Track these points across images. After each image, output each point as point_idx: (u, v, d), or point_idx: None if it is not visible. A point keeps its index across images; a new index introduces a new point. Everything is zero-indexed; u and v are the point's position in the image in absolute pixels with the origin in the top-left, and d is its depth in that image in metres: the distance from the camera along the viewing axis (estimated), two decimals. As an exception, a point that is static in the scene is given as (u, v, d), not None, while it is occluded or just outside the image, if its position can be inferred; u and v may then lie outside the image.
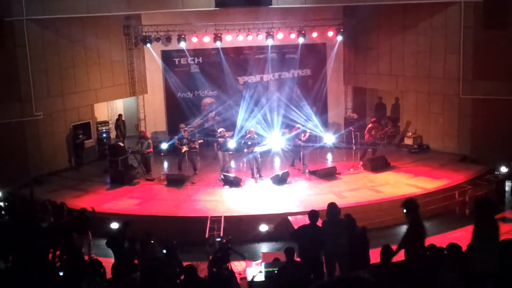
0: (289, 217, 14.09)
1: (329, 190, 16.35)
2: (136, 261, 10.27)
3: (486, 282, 7.03)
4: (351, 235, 9.44)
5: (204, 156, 20.18)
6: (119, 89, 21.41)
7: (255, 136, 17.81)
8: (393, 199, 15.44)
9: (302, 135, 18.22)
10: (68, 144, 19.47)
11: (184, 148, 17.83)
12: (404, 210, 8.71)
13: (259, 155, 17.59)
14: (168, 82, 22.02)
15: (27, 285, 7.29)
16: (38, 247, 11.20)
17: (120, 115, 22.19)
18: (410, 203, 8.80)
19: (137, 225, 14.29)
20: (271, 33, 20.99)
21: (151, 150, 18.53)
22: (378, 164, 18.10)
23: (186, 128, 18.98)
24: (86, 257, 12.84)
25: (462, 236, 13.20)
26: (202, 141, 19.12)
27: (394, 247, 8.45)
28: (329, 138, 18.88)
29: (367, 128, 18.65)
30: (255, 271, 10.32)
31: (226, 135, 18.61)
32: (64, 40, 19.08)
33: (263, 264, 10.51)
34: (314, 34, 21.48)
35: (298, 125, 18.73)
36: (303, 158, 18.05)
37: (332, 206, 9.73)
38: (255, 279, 9.64)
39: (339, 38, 21.77)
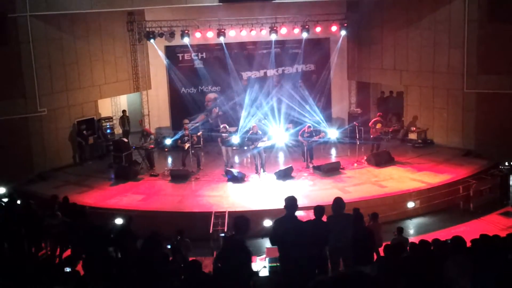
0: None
1: (333, 185, 16.35)
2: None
3: None
4: (356, 230, 9.43)
5: (208, 152, 20.19)
6: (122, 85, 21.43)
7: (259, 131, 17.81)
8: (397, 194, 15.48)
9: (320, 135, 18.18)
10: (72, 140, 19.51)
11: (187, 145, 17.84)
12: None
13: (263, 150, 17.59)
14: (172, 78, 22.04)
15: None
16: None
17: (124, 111, 22.19)
18: None
19: (141, 221, 14.37)
20: (275, 28, 20.97)
21: (153, 146, 18.52)
22: (382, 159, 18.08)
23: (186, 126, 18.95)
24: None
25: (466, 230, 13.28)
26: (201, 132, 18.96)
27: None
28: (333, 133, 18.84)
29: (372, 121, 18.50)
30: (259, 266, 10.34)
31: (230, 130, 18.61)
32: (68, 36, 19.09)
33: (267, 259, 10.53)
34: (318, 29, 21.45)
35: (308, 124, 18.46)
36: (307, 154, 18.05)
37: (338, 201, 9.72)
38: (259, 274, 9.65)
39: (343, 32, 21.72)
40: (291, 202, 8.32)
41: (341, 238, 9.28)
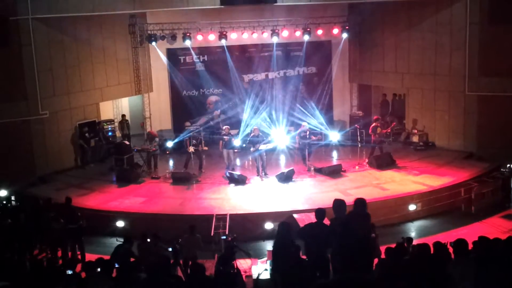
0: (295, 215, 14.08)
1: (334, 187, 16.33)
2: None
3: None
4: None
5: (210, 154, 20.15)
6: (124, 87, 21.45)
7: (260, 134, 17.80)
8: (399, 197, 15.46)
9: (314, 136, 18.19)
10: (74, 143, 19.51)
11: (191, 149, 17.78)
12: None
13: (264, 153, 17.58)
14: (174, 80, 22.05)
15: None
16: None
17: (123, 116, 22.15)
18: None
19: (142, 224, 14.38)
20: (276, 30, 20.99)
21: (155, 149, 18.50)
22: (384, 162, 18.06)
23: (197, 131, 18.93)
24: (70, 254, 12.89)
25: (468, 233, 13.25)
26: (207, 148, 18.92)
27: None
28: (334, 136, 18.83)
29: (371, 127, 18.44)
30: (261, 269, 10.33)
31: (231, 133, 18.61)
32: (70, 39, 19.11)
33: (268, 262, 10.52)
34: (319, 32, 21.46)
35: (304, 123, 18.50)
36: (307, 156, 18.04)
37: (340, 203, 9.67)
38: (261, 277, 9.65)
39: (344, 35, 21.73)
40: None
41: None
